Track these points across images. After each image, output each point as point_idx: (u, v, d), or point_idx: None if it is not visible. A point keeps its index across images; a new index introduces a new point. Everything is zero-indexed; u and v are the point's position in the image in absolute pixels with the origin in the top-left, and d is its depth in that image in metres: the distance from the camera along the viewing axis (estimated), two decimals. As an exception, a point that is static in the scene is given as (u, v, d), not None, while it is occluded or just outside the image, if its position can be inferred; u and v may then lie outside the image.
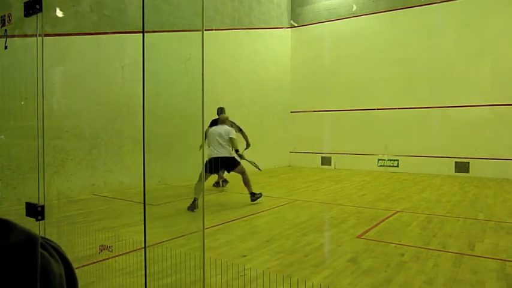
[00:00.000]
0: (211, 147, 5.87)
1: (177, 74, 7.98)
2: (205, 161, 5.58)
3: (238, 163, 5.97)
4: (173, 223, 4.85)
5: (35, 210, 2.19)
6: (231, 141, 5.88)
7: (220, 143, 5.83)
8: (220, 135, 5.86)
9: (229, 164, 5.96)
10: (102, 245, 3.59)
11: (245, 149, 6.79)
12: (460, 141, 9.51)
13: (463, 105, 9.77)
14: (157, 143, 7.54)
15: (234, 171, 6.03)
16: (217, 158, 5.78)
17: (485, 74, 9.60)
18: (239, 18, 10.58)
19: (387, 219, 4.95)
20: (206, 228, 4.38)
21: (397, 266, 3.21)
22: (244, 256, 3.45)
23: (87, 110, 6.77)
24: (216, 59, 9.16)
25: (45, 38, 2.22)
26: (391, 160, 10.93)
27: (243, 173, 5.92)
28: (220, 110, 6.90)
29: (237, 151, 6.00)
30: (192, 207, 5.32)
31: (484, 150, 9.51)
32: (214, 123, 6.36)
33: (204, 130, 5.91)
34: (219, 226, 4.59)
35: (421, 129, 10.40)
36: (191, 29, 7.41)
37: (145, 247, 2.53)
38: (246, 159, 5.99)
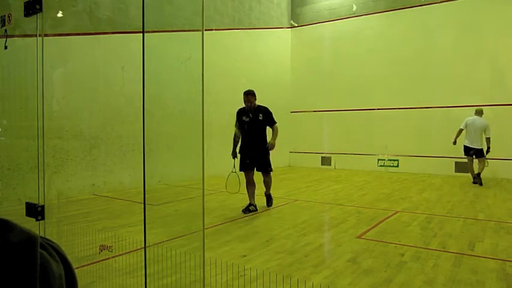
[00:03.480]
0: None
1: (177, 74, 7.98)
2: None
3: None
4: (173, 223, 4.85)
5: (35, 210, 2.19)
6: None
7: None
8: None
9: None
10: (102, 245, 3.59)
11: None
12: (460, 141, 9.49)
13: (463, 105, 9.77)
14: (157, 143, 7.54)
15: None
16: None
17: (484, 74, 9.60)
18: (239, 18, 10.58)
19: (387, 219, 4.95)
20: (206, 228, 4.38)
21: (397, 266, 3.21)
22: (244, 256, 3.45)
23: (87, 110, 6.77)
24: (216, 59, 9.16)
25: (45, 38, 2.22)
26: (391, 160, 10.93)
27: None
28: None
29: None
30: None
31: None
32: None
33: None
34: (219, 226, 4.59)
35: (421, 129, 10.40)
36: (191, 29, 7.41)
37: (145, 247, 2.53)
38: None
